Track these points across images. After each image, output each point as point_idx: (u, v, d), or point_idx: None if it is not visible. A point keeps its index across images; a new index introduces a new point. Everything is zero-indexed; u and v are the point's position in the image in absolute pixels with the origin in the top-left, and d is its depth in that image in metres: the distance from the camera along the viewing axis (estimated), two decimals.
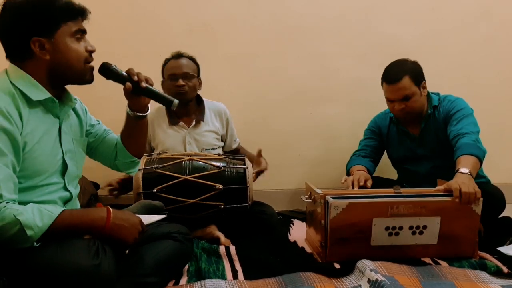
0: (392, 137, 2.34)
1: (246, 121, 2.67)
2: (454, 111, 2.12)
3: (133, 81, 1.43)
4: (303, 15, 2.71)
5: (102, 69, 1.43)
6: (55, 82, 1.34)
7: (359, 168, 2.20)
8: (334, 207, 1.68)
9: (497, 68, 2.85)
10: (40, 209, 1.19)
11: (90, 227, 1.27)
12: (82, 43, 1.35)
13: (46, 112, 1.34)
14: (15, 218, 1.14)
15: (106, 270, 1.21)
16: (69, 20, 1.31)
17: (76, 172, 1.46)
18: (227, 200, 2.00)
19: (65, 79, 1.36)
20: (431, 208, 1.72)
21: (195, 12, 2.65)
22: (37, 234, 1.16)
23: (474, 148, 1.93)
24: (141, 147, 1.65)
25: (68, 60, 1.32)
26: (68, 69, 1.33)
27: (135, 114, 1.51)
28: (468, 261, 1.72)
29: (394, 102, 2.14)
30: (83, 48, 1.34)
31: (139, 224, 1.34)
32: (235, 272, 1.66)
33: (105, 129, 1.64)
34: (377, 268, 1.56)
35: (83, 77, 1.37)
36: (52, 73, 1.32)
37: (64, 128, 1.40)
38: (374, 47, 2.77)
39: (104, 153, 1.63)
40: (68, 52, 1.31)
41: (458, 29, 2.80)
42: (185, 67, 2.25)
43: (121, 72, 1.45)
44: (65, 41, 1.30)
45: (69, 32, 1.31)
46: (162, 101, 1.49)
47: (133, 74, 1.43)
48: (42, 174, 1.30)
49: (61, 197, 1.38)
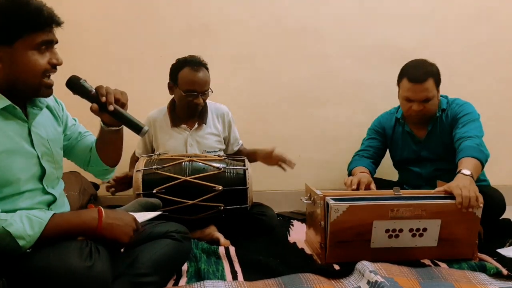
0: (396, 138, 2.33)
1: (246, 122, 2.66)
2: (461, 115, 2.12)
3: (101, 102, 1.33)
4: (304, 17, 2.72)
5: (69, 83, 1.34)
6: (11, 91, 1.25)
7: (362, 170, 2.19)
8: (335, 210, 1.67)
9: (497, 70, 2.85)
10: (29, 217, 1.17)
11: (82, 229, 1.26)
12: (46, 54, 1.25)
13: (9, 118, 1.26)
14: (4, 230, 1.13)
15: (100, 271, 1.19)
16: (34, 31, 1.21)
17: (55, 174, 1.40)
18: (227, 201, 2.00)
19: (19, 90, 1.26)
20: (432, 211, 1.72)
21: (195, 12, 2.65)
22: (29, 243, 1.15)
23: (476, 151, 1.93)
24: (115, 157, 1.57)
25: (23, 72, 1.22)
26: (22, 82, 1.24)
27: (109, 128, 1.43)
28: (468, 263, 1.72)
29: (413, 102, 2.11)
30: (44, 61, 1.24)
31: (133, 222, 1.33)
32: (235, 273, 1.66)
33: (81, 131, 1.57)
34: (376, 270, 1.56)
35: (37, 92, 1.28)
36: (6, 82, 1.23)
37: (35, 131, 1.32)
38: (374, 49, 2.77)
39: (77, 156, 1.57)
40: (25, 64, 1.22)
41: (459, 31, 2.80)
42: (206, 84, 2.19)
43: (90, 89, 1.35)
44: (24, 53, 1.21)
45: (32, 43, 1.21)
46: (131, 126, 1.37)
47: (101, 94, 1.33)
48: (14, 182, 1.25)
49: (42, 201, 1.34)
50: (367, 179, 2.05)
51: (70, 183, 2.19)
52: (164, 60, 2.37)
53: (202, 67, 2.20)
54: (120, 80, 2.57)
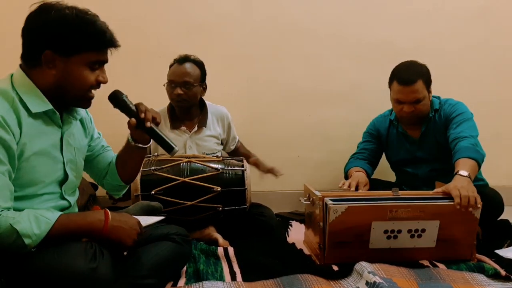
0: (391, 140, 2.34)
1: (244, 122, 2.66)
2: (455, 115, 2.13)
3: (139, 118, 1.40)
4: (301, 17, 2.72)
5: (112, 96, 1.40)
6: (55, 97, 1.30)
7: (357, 170, 2.20)
8: (333, 211, 1.67)
9: (494, 70, 2.86)
10: (36, 216, 1.18)
11: (88, 230, 1.26)
12: (96, 72, 1.31)
13: (48, 122, 1.31)
14: (11, 227, 1.13)
15: (103, 274, 1.21)
16: (93, 50, 1.28)
17: (75, 182, 1.43)
18: (225, 202, 2.00)
19: (64, 98, 1.31)
20: (430, 212, 1.73)
21: (192, 13, 2.64)
22: (35, 242, 1.16)
23: (473, 152, 1.93)
24: (133, 174, 1.61)
25: (73, 84, 1.28)
26: (69, 92, 1.29)
27: (136, 145, 1.48)
28: (466, 264, 1.72)
29: (404, 104, 2.13)
30: (93, 78, 1.30)
31: (138, 226, 1.34)
32: (233, 274, 1.66)
33: (104, 145, 1.60)
34: (375, 271, 1.57)
35: (78, 103, 1.35)
36: (55, 88, 1.28)
37: (66, 138, 1.36)
38: (371, 49, 2.77)
39: (95, 169, 1.59)
40: (76, 77, 1.28)
41: (455, 31, 2.81)
42: (186, 75, 2.18)
43: (130, 104, 1.42)
44: (78, 67, 1.27)
45: (88, 60, 1.28)
46: (163, 145, 1.45)
47: (141, 111, 1.40)
48: (38, 183, 1.28)
49: (58, 205, 1.36)
50: (364, 179, 2.06)
51: None
52: (161, 60, 2.36)
53: (188, 61, 2.21)
54: (117, 80, 2.57)
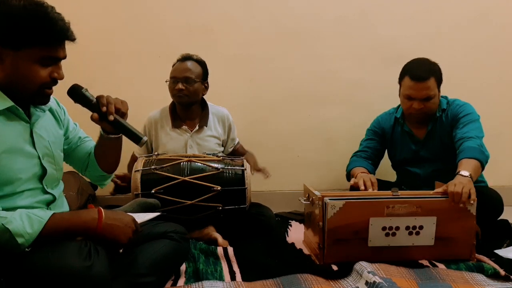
0: (395, 138, 2.33)
1: (245, 122, 2.67)
2: (462, 115, 2.12)
3: (101, 111, 1.35)
4: (303, 17, 2.72)
5: (70, 91, 1.35)
6: (11, 93, 1.26)
7: (362, 170, 2.18)
8: (331, 207, 1.69)
9: (495, 70, 2.86)
10: (29, 215, 1.18)
11: (82, 229, 1.26)
12: (48, 68, 1.26)
13: (12, 118, 1.27)
14: (3, 227, 1.13)
15: (99, 272, 1.19)
16: (44, 45, 1.22)
17: (55, 175, 1.41)
18: (225, 202, 2.00)
19: (17, 94, 1.26)
20: (427, 208, 1.74)
21: (194, 13, 2.65)
22: (28, 241, 1.16)
23: (477, 152, 1.93)
24: (113, 164, 1.59)
25: (22, 80, 1.23)
26: (19, 88, 1.25)
27: (108, 136, 1.45)
28: (466, 264, 1.72)
29: (414, 100, 2.12)
30: (45, 74, 1.25)
31: (132, 223, 1.33)
32: (233, 274, 1.66)
33: (81, 136, 1.58)
34: (375, 270, 1.57)
35: (32, 100, 1.30)
36: (7, 84, 1.24)
37: (37, 132, 1.34)
38: (373, 49, 2.77)
39: (75, 161, 1.59)
40: (24, 73, 1.23)
41: (457, 31, 2.81)
42: (188, 71, 2.22)
43: (91, 98, 1.36)
44: (26, 62, 1.22)
45: (37, 56, 1.22)
46: (130, 136, 1.39)
47: (102, 104, 1.35)
48: (14, 181, 1.26)
49: (42, 200, 1.35)
50: (373, 178, 2.05)
51: (68, 183, 2.18)
52: (163, 60, 2.37)
53: (189, 59, 2.26)
54: (119, 80, 2.59)
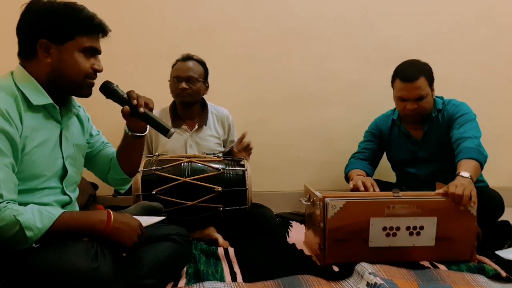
0: (393, 139, 2.34)
1: (245, 122, 2.66)
2: (458, 115, 2.13)
3: (132, 104, 1.43)
4: (303, 17, 2.72)
5: (103, 87, 1.43)
6: (54, 88, 1.33)
7: (358, 173, 2.20)
8: (332, 206, 1.69)
9: (496, 71, 2.86)
10: (40, 210, 1.20)
11: (90, 229, 1.27)
12: (90, 60, 1.35)
13: (47, 117, 1.34)
14: (15, 219, 1.14)
15: (105, 273, 1.21)
16: (85, 35, 1.32)
17: (75, 178, 1.46)
18: (226, 202, 2.00)
19: (62, 87, 1.35)
20: (427, 208, 1.74)
21: (195, 13, 2.65)
22: (36, 235, 1.17)
23: (476, 153, 1.93)
24: (135, 166, 1.64)
25: (68, 70, 1.31)
26: (66, 79, 1.32)
27: (133, 134, 1.51)
28: (467, 265, 1.72)
29: (407, 101, 2.13)
30: (88, 65, 1.34)
31: (139, 228, 1.35)
32: (234, 274, 1.66)
33: (104, 141, 1.64)
34: (376, 271, 1.57)
35: (79, 90, 1.37)
36: (51, 78, 1.31)
37: (65, 134, 1.40)
38: (374, 49, 2.77)
39: (98, 165, 1.63)
40: (71, 63, 1.31)
41: (458, 32, 2.81)
42: (191, 71, 2.24)
43: (122, 93, 1.45)
44: (72, 53, 1.31)
45: (80, 46, 1.32)
46: (159, 128, 1.48)
47: (133, 97, 1.44)
48: (39, 177, 1.30)
49: (59, 200, 1.38)
50: (370, 181, 2.06)
51: None
52: (164, 60, 2.37)
53: (191, 59, 2.28)
54: (119, 80, 2.57)
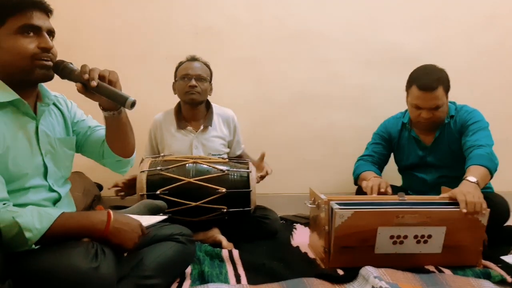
0: (402, 143, 2.32)
1: (251, 124, 2.67)
2: (471, 122, 2.11)
3: (83, 79, 1.30)
4: (309, 21, 2.72)
5: (53, 67, 1.31)
6: (10, 81, 1.26)
7: (375, 175, 2.15)
8: (340, 216, 1.66)
9: (502, 76, 2.84)
10: (39, 211, 1.18)
11: (89, 230, 1.25)
12: (33, 39, 1.25)
13: (19, 113, 1.28)
14: (13, 220, 1.13)
15: (105, 273, 1.19)
16: (15, 14, 1.23)
17: (59, 173, 1.41)
18: (230, 204, 2.00)
19: (14, 77, 1.27)
20: (437, 218, 1.71)
21: (201, 15, 2.65)
22: (35, 236, 1.15)
23: (486, 160, 1.92)
24: (126, 146, 1.54)
25: (11, 56, 1.24)
26: (12, 67, 1.25)
27: (109, 113, 1.42)
28: (472, 270, 1.71)
29: (423, 109, 2.09)
30: (30, 45, 1.24)
31: (139, 228, 1.33)
32: (238, 277, 1.66)
33: (91, 126, 1.56)
34: (381, 275, 1.56)
35: (31, 75, 1.27)
36: (3, 71, 1.25)
37: (42, 129, 1.35)
38: (379, 53, 2.76)
39: (91, 151, 1.57)
40: (10, 48, 1.23)
41: (463, 37, 2.80)
42: (199, 70, 2.26)
43: (74, 69, 1.32)
44: (8, 38, 1.23)
45: (14, 28, 1.23)
46: (116, 99, 1.31)
47: (84, 71, 1.30)
48: (21, 177, 1.27)
49: (48, 198, 1.35)
50: (385, 183, 2.02)
51: (74, 183, 2.15)
52: (169, 62, 2.37)
53: (197, 60, 2.30)
54: (125, 82, 2.57)
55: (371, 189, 1.99)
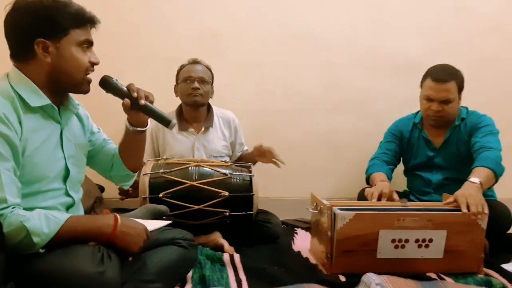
0: (412, 143, 2.32)
1: (252, 128, 2.66)
2: (482, 125, 2.13)
3: (132, 97, 1.42)
4: (312, 25, 2.71)
5: (102, 82, 1.42)
6: (53, 87, 1.33)
7: (382, 178, 2.15)
8: (341, 218, 1.68)
9: (505, 83, 2.84)
10: (47, 216, 1.19)
11: (96, 234, 1.26)
12: (87, 53, 1.34)
13: (46, 117, 1.33)
14: (21, 225, 1.14)
15: (111, 277, 1.20)
16: (78, 28, 1.31)
17: (78, 178, 1.45)
18: (232, 208, 2.00)
19: (63, 85, 1.34)
20: (438, 221, 1.72)
21: (204, 18, 2.65)
22: (43, 241, 1.16)
23: (494, 163, 1.93)
24: (138, 161, 1.63)
25: (69, 67, 1.31)
26: (67, 76, 1.32)
27: (134, 129, 1.50)
28: (474, 278, 1.71)
29: (434, 101, 2.12)
30: (86, 59, 1.34)
31: (145, 232, 1.34)
32: (239, 281, 1.65)
33: (105, 138, 1.63)
34: (382, 282, 1.55)
35: (80, 86, 1.36)
36: (51, 77, 1.31)
37: (66, 134, 1.39)
38: (382, 59, 2.76)
39: (100, 163, 1.62)
40: (70, 59, 1.31)
41: (467, 44, 2.79)
42: (202, 72, 2.28)
43: (121, 86, 1.43)
44: (70, 48, 1.30)
45: (77, 40, 1.31)
46: (160, 120, 1.47)
47: (133, 90, 1.42)
48: (42, 179, 1.30)
49: (63, 202, 1.37)
50: (388, 189, 2.03)
51: None
52: (172, 64, 2.38)
53: (199, 63, 2.32)
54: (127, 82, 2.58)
55: (371, 195, 2.00)
